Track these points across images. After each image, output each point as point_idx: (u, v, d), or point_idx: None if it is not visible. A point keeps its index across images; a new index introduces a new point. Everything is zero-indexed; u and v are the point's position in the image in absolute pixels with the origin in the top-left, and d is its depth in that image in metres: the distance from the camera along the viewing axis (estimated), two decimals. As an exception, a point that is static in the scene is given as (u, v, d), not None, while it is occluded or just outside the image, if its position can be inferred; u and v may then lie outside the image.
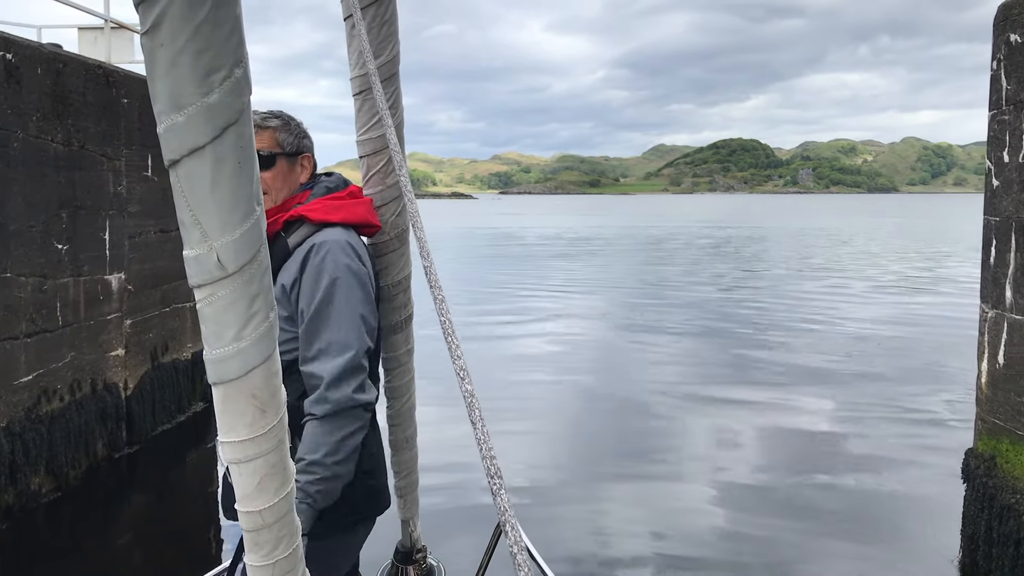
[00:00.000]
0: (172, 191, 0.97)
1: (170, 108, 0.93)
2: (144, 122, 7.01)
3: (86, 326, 6.15)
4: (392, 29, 2.07)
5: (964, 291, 17.15)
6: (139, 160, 6.96)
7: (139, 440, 6.87)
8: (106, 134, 6.40)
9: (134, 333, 6.91)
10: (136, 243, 6.93)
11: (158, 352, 7.32)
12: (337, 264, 1.95)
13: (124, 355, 6.73)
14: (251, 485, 1.14)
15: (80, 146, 6.02)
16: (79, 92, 5.97)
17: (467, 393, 1.00)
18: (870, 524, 5.37)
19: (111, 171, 6.50)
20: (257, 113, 2.11)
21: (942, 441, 7.09)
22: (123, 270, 6.70)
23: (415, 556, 2.45)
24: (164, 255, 7.43)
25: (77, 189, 5.99)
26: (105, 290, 6.42)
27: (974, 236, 12.01)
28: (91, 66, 6.19)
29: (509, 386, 9.16)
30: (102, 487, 6.12)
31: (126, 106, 6.70)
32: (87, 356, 6.16)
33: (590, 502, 5.75)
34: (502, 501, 0.89)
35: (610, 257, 28.21)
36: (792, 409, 8.19)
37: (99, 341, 6.33)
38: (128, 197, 6.79)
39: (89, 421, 6.15)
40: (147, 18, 0.90)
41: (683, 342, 11.84)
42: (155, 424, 7.18)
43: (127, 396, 6.76)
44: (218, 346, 1.04)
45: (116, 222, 6.57)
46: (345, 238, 2.02)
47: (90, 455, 6.17)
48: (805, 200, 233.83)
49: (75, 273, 5.98)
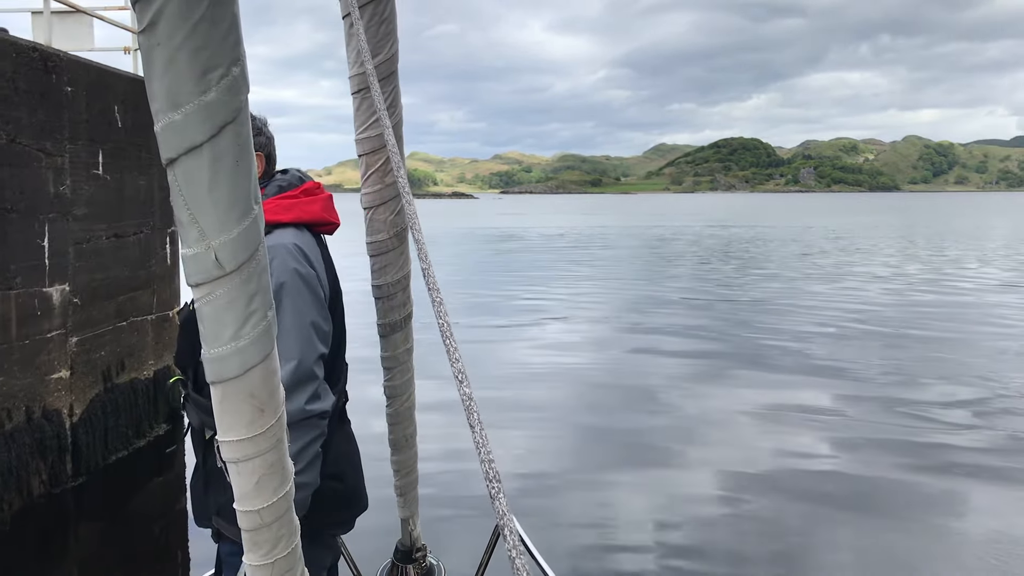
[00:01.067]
0: (170, 190, 0.97)
1: (167, 106, 0.93)
2: (93, 113, 6.23)
3: (19, 346, 5.36)
4: (391, 27, 2.06)
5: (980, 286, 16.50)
6: (87, 156, 6.18)
7: (87, 471, 6.10)
8: (44, 126, 5.61)
9: (82, 352, 6.13)
10: (84, 250, 6.15)
11: (112, 372, 6.54)
12: (284, 269, 1.90)
13: (69, 377, 5.95)
14: (249, 484, 1.15)
15: (9, 139, 5.24)
16: (6, 78, 5.19)
17: (465, 396, 1.02)
18: (877, 517, 5.35)
19: (51, 169, 5.71)
20: None
21: (950, 438, 7.07)
22: (67, 281, 5.92)
23: (415, 555, 2.47)
24: (120, 263, 6.65)
25: (5, 189, 5.21)
26: (44, 304, 5.63)
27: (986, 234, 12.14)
28: (23, 48, 5.39)
29: (512, 384, 9.04)
30: (39, 525, 5.36)
31: (70, 95, 5.91)
32: (19, 381, 5.37)
33: (593, 499, 5.73)
34: (500, 505, 0.91)
35: (614, 257, 27.54)
36: (797, 404, 8.16)
37: (36, 363, 5.55)
38: (74, 198, 6.00)
39: (22, 454, 5.36)
40: (144, 16, 0.90)
41: (688, 341, 11.47)
42: (107, 452, 6.40)
43: (72, 423, 5.98)
44: (216, 345, 1.05)
45: (58, 227, 5.79)
46: (293, 240, 1.97)
47: (24, 493, 5.39)
48: (808, 199, 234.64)
49: (3, 286, 5.20)
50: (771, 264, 24.70)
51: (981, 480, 6.12)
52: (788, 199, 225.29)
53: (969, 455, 6.64)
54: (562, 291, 18.14)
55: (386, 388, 2.35)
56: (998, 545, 4.98)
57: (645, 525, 5.30)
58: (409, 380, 2.36)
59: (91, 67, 6.28)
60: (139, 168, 7.01)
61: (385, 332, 2.27)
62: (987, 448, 6.84)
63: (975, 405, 8.17)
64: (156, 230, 7.33)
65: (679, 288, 18.50)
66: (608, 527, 5.25)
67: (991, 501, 5.73)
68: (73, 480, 5.94)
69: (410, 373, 2.36)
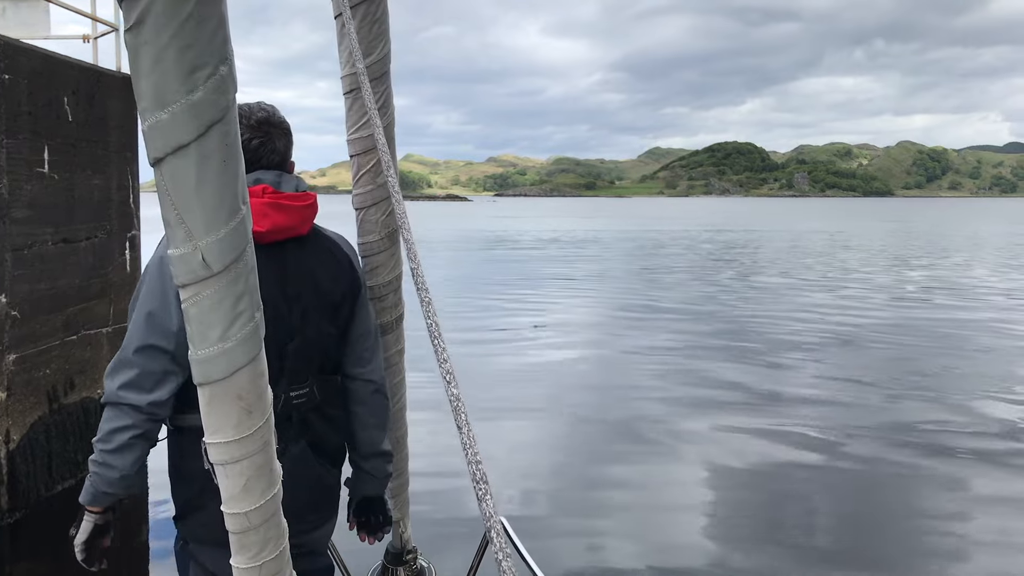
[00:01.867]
0: (157, 189, 0.98)
1: (154, 105, 0.93)
2: (38, 105, 5.60)
3: (-61, 367, 4.73)
4: (383, 28, 2.07)
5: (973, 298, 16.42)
6: (29, 153, 5.53)
7: (25, 504, 5.46)
8: (-27, 118, 4.98)
9: (21, 370, 5.48)
10: (25, 257, 5.50)
11: (58, 392, 5.90)
12: (152, 257, 1.92)
13: (5, 400, 5.32)
14: (237, 487, 1.15)
15: (-72, 133, 4.60)
16: (-79, 61, 4.55)
17: (453, 397, 1.03)
18: (875, 537, 5.17)
19: (-19, 166, 5.08)
20: None
21: (952, 440, 7.00)
22: (3, 291, 5.29)
23: (406, 557, 2.47)
24: (69, 270, 6.00)
25: (-78, 188, 4.57)
26: (-27, 318, 5.00)
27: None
28: (-56, 30, 4.76)
29: (505, 388, 8.92)
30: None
31: (7, 83, 5.28)
32: (-58, 406, 4.74)
33: (586, 499, 5.68)
34: (487, 507, 0.91)
35: (608, 261, 27.10)
36: (794, 416, 7.89)
37: (-39, 385, 4.92)
38: (12, 199, 5.36)
39: (-56, 490, 4.73)
40: (131, 15, 0.91)
41: (684, 350, 11.23)
42: (51, 482, 5.76)
43: (9, 451, 5.34)
44: (203, 346, 1.05)
45: (-9, 230, 5.15)
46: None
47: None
48: (802, 204, 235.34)
49: (-80, 298, 4.56)
50: (771, 268, 24.46)
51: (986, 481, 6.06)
52: (783, 204, 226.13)
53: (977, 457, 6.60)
54: (553, 294, 17.94)
55: None
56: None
57: (638, 526, 5.30)
58: (400, 381, 2.36)
59: (34, 53, 5.64)
60: (93, 166, 6.36)
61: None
62: (990, 447, 6.76)
63: (982, 409, 8.11)
64: (113, 235, 6.68)
65: (673, 292, 18.31)
66: (600, 529, 5.23)
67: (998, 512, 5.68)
68: (9, 516, 5.30)
69: (401, 374, 2.36)
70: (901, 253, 31.31)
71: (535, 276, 21.98)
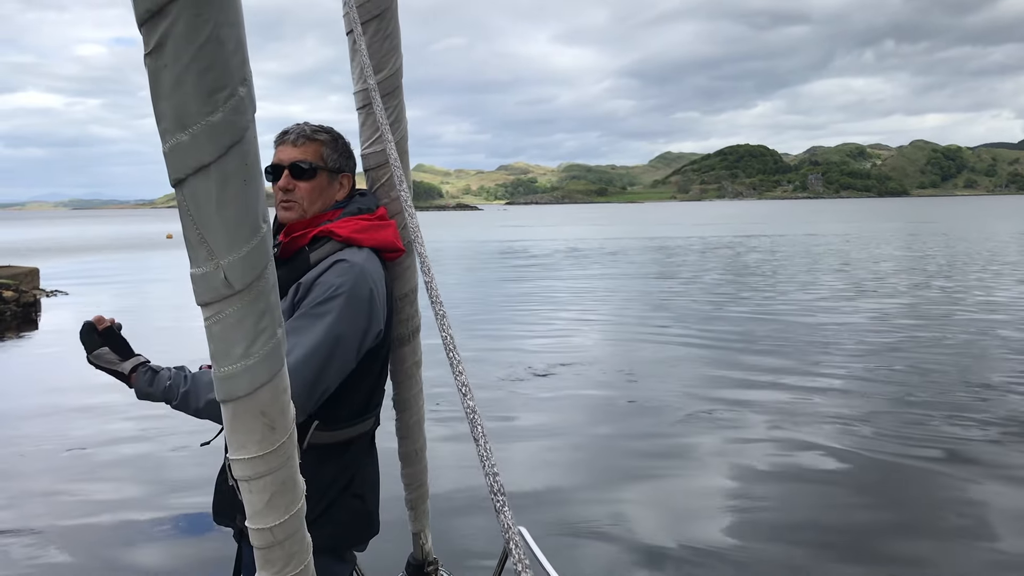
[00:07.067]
0: (178, 209, 1.00)
1: (175, 127, 0.94)
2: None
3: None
4: (394, 43, 2.12)
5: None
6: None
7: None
8: None
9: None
10: None
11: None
12: (344, 282, 1.95)
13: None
14: (261, 502, 1.16)
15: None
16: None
17: (469, 409, 1.04)
18: (892, 535, 5.19)
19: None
20: (308, 125, 2.17)
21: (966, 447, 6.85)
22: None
23: (427, 569, 2.48)
24: None
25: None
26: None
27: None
28: None
29: (524, 394, 8.96)
30: None
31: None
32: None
33: (608, 509, 5.65)
34: (505, 518, 0.92)
35: (624, 267, 27.03)
36: (812, 414, 7.95)
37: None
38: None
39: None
40: (150, 39, 0.92)
41: (705, 352, 11.19)
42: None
43: None
44: (226, 364, 1.06)
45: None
46: (365, 262, 2.02)
47: None
48: (818, 205, 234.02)
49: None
50: (788, 273, 24.21)
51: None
52: (799, 205, 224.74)
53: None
54: (576, 304, 17.80)
55: (395, 401, 2.36)
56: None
57: (662, 533, 5.27)
58: (418, 393, 2.37)
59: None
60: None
61: (393, 346, 2.26)
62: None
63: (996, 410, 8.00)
64: None
65: (697, 298, 18.13)
66: (624, 537, 5.17)
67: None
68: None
69: (419, 386, 2.37)
70: (949, 261, 30.85)
71: (548, 281, 21.87)
